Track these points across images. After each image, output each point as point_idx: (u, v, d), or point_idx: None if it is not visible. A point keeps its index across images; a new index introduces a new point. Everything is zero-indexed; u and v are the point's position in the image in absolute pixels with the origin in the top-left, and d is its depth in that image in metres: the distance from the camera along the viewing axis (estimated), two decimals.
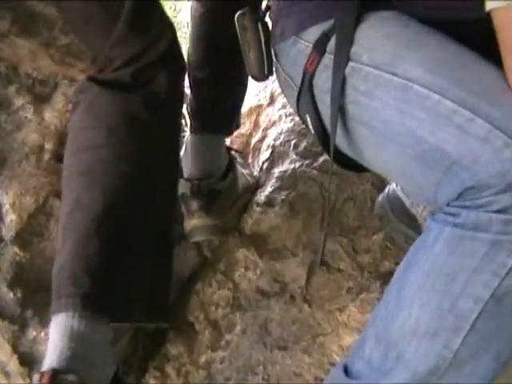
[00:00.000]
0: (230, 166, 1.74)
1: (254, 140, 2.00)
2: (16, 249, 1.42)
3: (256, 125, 2.04)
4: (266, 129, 1.98)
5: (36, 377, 1.10)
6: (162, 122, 1.33)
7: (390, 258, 1.66)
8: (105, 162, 1.24)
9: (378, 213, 1.70)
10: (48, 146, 1.52)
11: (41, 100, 1.54)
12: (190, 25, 1.73)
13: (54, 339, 1.15)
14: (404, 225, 1.62)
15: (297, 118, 1.85)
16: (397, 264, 1.50)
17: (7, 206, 1.43)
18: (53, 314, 1.17)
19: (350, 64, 1.02)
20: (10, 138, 1.50)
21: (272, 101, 2.05)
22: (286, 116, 1.94)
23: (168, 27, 1.37)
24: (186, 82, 1.57)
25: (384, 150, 1.02)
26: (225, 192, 1.69)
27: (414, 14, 1.03)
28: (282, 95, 1.90)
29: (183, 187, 1.64)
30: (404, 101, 0.94)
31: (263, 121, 2.02)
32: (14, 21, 1.53)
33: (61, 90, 1.56)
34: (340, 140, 1.10)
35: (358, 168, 1.23)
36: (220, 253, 1.71)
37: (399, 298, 0.92)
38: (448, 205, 0.85)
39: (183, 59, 1.44)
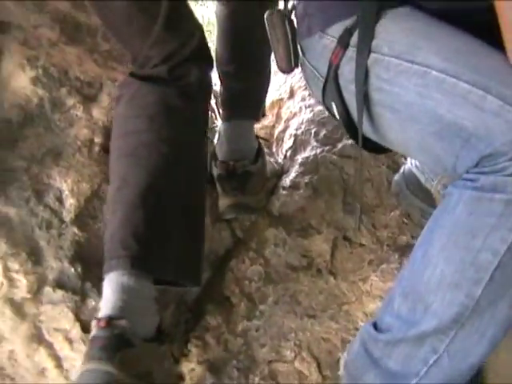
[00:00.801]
0: (260, 151, 1.88)
1: (277, 131, 2.13)
2: (75, 229, 1.56)
3: (278, 117, 2.16)
4: (287, 120, 2.10)
5: (94, 322, 1.25)
6: (194, 109, 1.52)
7: (406, 232, 1.78)
8: (148, 144, 1.41)
9: (395, 191, 1.81)
10: (97, 139, 1.66)
11: (89, 100, 1.67)
12: (215, 24, 1.86)
13: (106, 294, 1.31)
14: (419, 200, 1.73)
15: (316, 109, 1.99)
16: (413, 237, 1.65)
17: (66, 192, 1.56)
18: (105, 273, 1.34)
19: (372, 55, 1.11)
20: (63, 133, 1.63)
21: (292, 94, 2.17)
22: (306, 107, 2.06)
23: (198, 27, 1.55)
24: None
25: (406, 130, 1.11)
26: (256, 174, 1.83)
27: (427, 7, 1.13)
28: (302, 89, 2.04)
29: (220, 168, 1.79)
30: (423, 85, 1.03)
31: (284, 113, 2.15)
32: (61, 31, 1.68)
33: (106, 90, 1.70)
34: (364, 124, 1.18)
35: (378, 150, 1.32)
36: (251, 232, 1.83)
37: (425, 256, 1.00)
38: (467, 172, 0.92)
39: (211, 55, 1.62)
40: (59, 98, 1.65)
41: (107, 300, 1.28)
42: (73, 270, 1.52)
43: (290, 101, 2.14)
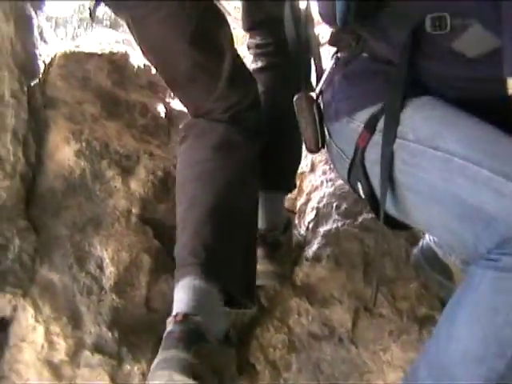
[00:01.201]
0: (288, 222, 1.97)
1: (299, 203, 2.20)
2: (113, 296, 1.62)
3: (300, 190, 2.24)
4: (309, 193, 2.18)
5: (170, 319, 1.31)
6: (252, 148, 1.64)
7: (425, 304, 1.81)
8: (212, 171, 1.52)
9: (413, 264, 1.87)
10: (134, 210, 1.73)
11: (127, 172, 1.76)
12: None
13: (179, 296, 1.38)
14: (437, 273, 1.77)
15: (337, 183, 2.07)
16: (432, 309, 1.71)
17: (107, 260, 1.64)
18: (177, 281, 1.42)
19: (398, 141, 1.18)
20: (103, 203, 1.71)
21: (313, 168, 2.26)
22: (327, 181, 2.14)
23: (253, 80, 1.69)
24: None
25: (429, 211, 1.17)
26: (284, 244, 1.91)
27: (448, 96, 1.21)
28: (322, 163, 2.14)
29: None
30: (446, 170, 1.09)
31: (306, 186, 2.23)
32: (102, 106, 1.79)
33: (142, 162, 1.78)
34: (388, 203, 1.24)
35: (400, 226, 1.36)
36: (276, 301, 1.89)
37: (449, 331, 1.02)
38: (488, 252, 0.94)
39: None
40: (100, 169, 1.74)
41: (180, 300, 1.35)
42: (110, 335, 1.57)
43: (312, 174, 2.23)
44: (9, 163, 1.58)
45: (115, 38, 2.10)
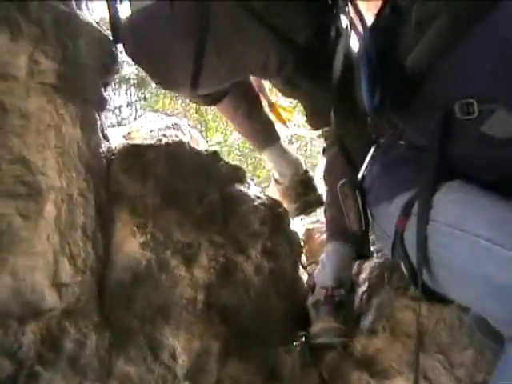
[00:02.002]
0: (353, 284, 2.09)
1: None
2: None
3: None
4: (360, 264, 2.26)
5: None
6: None
7: (481, 370, 1.88)
8: None
9: (466, 331, 1.94)
10: (199, 297, 1.81)
11: (190, 260, 1.84)
12: None
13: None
14: (490, 340, 1.83)
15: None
16: (489, 374, 1.77)
17: (179, 350, 1.70)
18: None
19: (431, 223, 1.28)
20: (169, 292, 1.79)
21: None
22: (377, 252, 2.23)
23: None
24: None
25: (461, 289, 1.28)
26: (349, 305, 2.04)
27: (478, 178, 1.30)
28: (371, 234, 2.21)
29: (317, 294, 2.03)
30: (474, 252, 1.18)
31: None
32: (162, 197, 1.89)
33: (204, 250, 1.87)
34: (426, 279, 1.35)
35: (443, 299, 1.45)
36: (337, 375, 1.97)
37: None
38: None
39: None
40: (164, 259, 1.82)
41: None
42: None
43: None
44: (80, 259, 1.63)
45: (165, 124, 2.20)
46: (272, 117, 2.39)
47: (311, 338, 1.95)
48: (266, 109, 2.40)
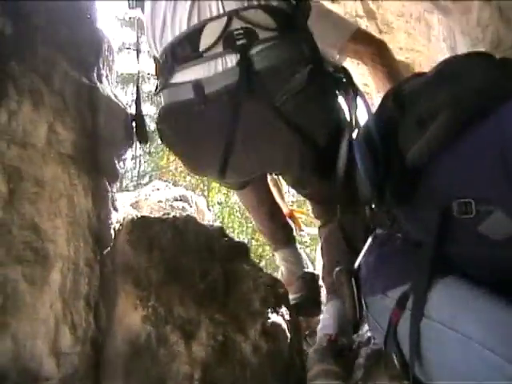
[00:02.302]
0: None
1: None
2: None
3: None
4: (357, 348, 2.26)
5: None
6: None
7: None
8: None
9: None
10: (196, 375, 1.79)
11: (189, 336, 1.83)
12: None
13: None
14: None
15: None
16: None
17: None
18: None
19: (424, 319, 1.30)
20: (167, 367, 1.77)
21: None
22: (374, 338, 2.23)
23: None
24: None
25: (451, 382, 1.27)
26: (348, 353, 2.14)
27: (474, 275, 1.31)
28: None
29: (320, 341, 2.15)
30: (464, 352, 1.20)
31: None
32: (166, 271, 1.91)
33: (204, 327, 1.86)
34: (418, 372, 1.35)
35: None
36: None
37: None
38: None
39: None
40: (164, 334, 1.81)
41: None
42: None
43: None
44: (81, 329, 1.64)
45: (173, 194, 2.24)
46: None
47: (310, 379, 2.02)
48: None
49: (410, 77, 1.57)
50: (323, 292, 2.40)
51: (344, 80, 1.70)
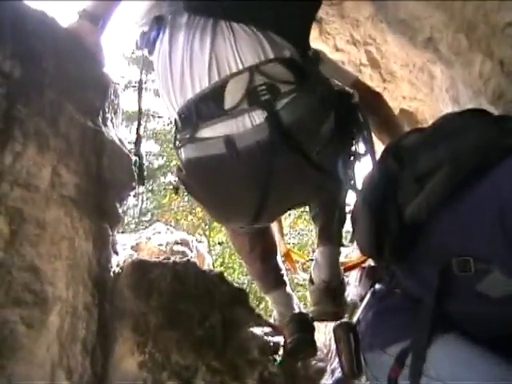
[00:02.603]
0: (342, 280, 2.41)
1: None
2: None
3: None
4: None
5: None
6: None
7: None
8: None
9: None
10: None
11: (186, 383, 1.82)
12: None
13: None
14: None
15: None
16: None
17: None
18: None
19: (423, 378, 1.28)
20: None
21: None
22: None
23: None
24: None
25: None
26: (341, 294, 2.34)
27: (474, 333, 1.30)
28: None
29: (318, 285, 2.33)
30: None
31: None
32: (164, 316, 1.90)
33: (201, 375, 1.84)
34: None
35: None
36: None
37: None
38: None
39: None
40: (160, 380, 1.79)
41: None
42: None
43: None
44: (77, 374, 1.62)
45: (174, 238, 2.24)
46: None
47: (313, 315, 2.28)
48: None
49: (409, 132, 1.59)
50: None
51: (362, 121, 1.74)
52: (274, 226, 2.78)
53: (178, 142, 1.80)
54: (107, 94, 1.90)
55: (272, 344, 2.03)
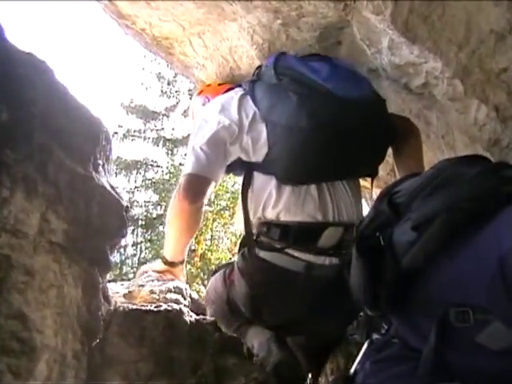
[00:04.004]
0: None
1: None
2: None
3: None
4: None
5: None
6: None
7: None
8: None
9: None
10: None
11: None
12: None
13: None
14: None
15: None
16: None
17: None
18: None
19: None
20: None
21: None
22: None
23: None
24: None
25: None
26: None
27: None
28: None
29: None
30: None
31: None
32: (155, 364, 1.86)
33: None
34: None
35: None
36: None
37: None
38: None
39: None
40: None
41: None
42: None
43: None
44: None
45: (167, 287, 2.22)
46: None
47: None
48: None
49: (405, 177, 1.58)
50: None
51: None
52: None
53: (260, 243, 2.27)
54: (98, 139, 1.90)
55: None
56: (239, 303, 2.33)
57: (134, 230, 19.16)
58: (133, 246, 19.30)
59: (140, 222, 19.34)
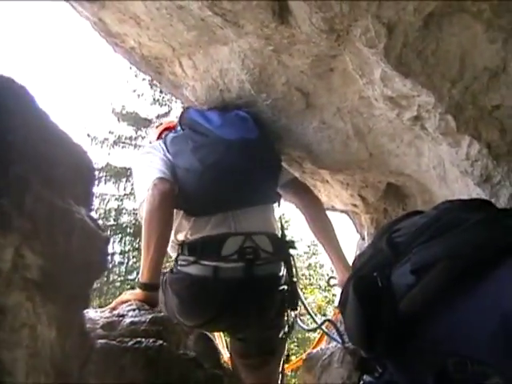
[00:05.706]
0: None
1: None
2: None
3: None
4: None
5: None
6: None
7: None
8: None
9: None
10: None
11: None
12: None
13: None
14: None
15: None
16: None
17: None
18: None
19: None
20: None
21: None
22: None
23: None
24: None
25: None
26: None
27: None
28: None
29: None
30: None
31: None
32: None
33: None
34: None
35: None
36: None
37: None
38: None
39: None
40: None
41: None
42: None
43: None
44: None
45: (148, 317, 2.16)
46: None
47: None
48: None
49: (405, 216, 1.57)
50: None
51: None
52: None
53: (182, 262, 2.80)
54: (79, 170, 1.83)
55: None
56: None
57: (121, 238, 19.08)
58: (120, 254, 19.20)
59: (128, 230, 19.26)
